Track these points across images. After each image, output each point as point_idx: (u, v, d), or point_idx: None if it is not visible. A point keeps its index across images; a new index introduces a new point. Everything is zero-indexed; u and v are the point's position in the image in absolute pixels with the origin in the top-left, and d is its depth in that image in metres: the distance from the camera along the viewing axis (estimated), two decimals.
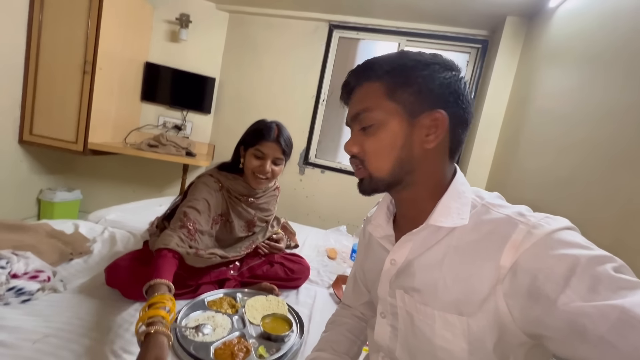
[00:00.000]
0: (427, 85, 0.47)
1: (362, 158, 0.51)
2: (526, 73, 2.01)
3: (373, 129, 0.50)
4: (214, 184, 1.11)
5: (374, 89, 0.50)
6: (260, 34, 2.71)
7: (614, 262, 0.36)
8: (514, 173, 1.90)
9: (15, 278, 0.85)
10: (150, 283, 0.75)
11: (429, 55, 0.50)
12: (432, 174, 0.50)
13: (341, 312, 0.74)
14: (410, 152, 0.49)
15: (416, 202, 0.52)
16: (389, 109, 0.48)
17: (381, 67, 0.49)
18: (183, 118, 2.75)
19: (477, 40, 2.45)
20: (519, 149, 1.89)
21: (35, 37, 2.05)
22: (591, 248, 0.38)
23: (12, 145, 2.11)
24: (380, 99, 0.49)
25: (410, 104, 0.48)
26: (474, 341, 0.44)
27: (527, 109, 1.88)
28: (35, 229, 1.11)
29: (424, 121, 0.48)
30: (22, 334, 0.71)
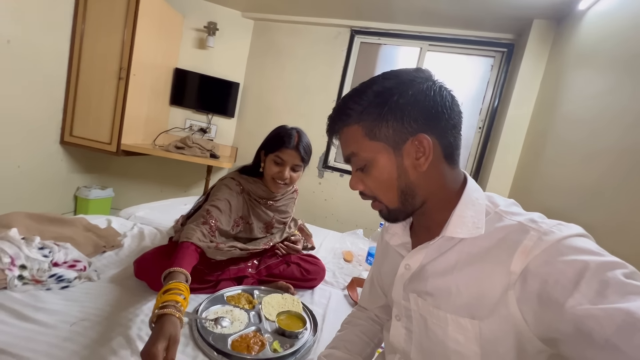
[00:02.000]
0: (401, 114, 0.48)
1: (371, 194, 0.53)
2: (553, 77, 1.95)
3: (367, 168, 0.52)
4: (236, 187, 1.16)
5: (354, 132, 0.51)
6: (283, 41, 2.79)
7: (625, 269, 0.36)
8: (538, 179, 1.84)
9: (56, 266, 0.94)
10: (170, 270, 0.79)
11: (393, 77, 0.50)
12: (437, 188, 0.51)
13: (357, 314, 0.76)
14: (407, 179, 0.50)
15: (428, 214, 0.53)
16: (373, 148, 0.50)
17: (353, 109, 0.50)
18: (208, 121, 2.86)
19: (502, 44, 2.40)
20: (544, 154, 1.83)
21: (78, 46, 2.22)
22: (602, 254, 0.38)
23: (55, 145, 2.29)
24: (362, 141, 0.50)
25: (391, 137, 0.49)
26: (486, 345, 0.44)
27: (553, 114, 1.82)
28: (74, 223, 1.21)
29: (409, 149, 0.49)
30: (60, 317, 0.78)
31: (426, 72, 0.51)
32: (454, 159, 0.52)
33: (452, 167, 0.52)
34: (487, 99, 2.49)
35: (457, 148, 0.52)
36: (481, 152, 2.48)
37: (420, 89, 0.48)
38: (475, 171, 2.51)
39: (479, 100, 2.53)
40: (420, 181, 0.50)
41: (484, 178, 2.39)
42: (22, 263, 0.88)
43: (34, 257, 0.91)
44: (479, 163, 2.49)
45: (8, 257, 0.87)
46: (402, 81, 0.49)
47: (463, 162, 2.60)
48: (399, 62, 2.71)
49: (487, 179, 2.27)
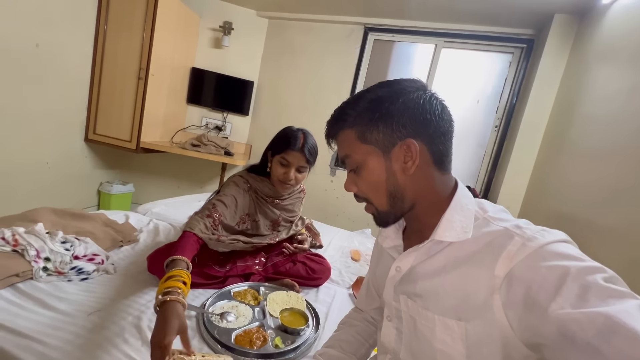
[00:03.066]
0: (390, 119, 0.51)
1: (363, 196, 0.56)
2: (574, 75, 1.87)
3: (358, 170, 0.55)
4: (243, 184, 1.19)
5: (348, 135, 0.55)
6: (297, 39, 2.81)
7: (605, 273, 0.37)
8: (555, 180, 1.78)
9: (77, 259, 1.01)
10: (172, 258, 0.82)
11: (386, 87, 0.53)
12: (426, 192, 0.53)
13: (353, 315, 0.78)
14: (395, 182, 0.52)
15: (419, 218, 0.55)
16: (364, 151, 0.53)
17: (348, 114, 0.54)
18: (223, 119, 2.93)
19: (521, 40, 2.32)
20: (561, 156, 1.77)
21: (100, 47, 2.32)
22: (583, 260, 0.39)
23: (79, 143, 2.42)
24: (355, 144, 0.54)
25: (380, 141, 0.52)
26: (471, 346, 0.45)
27: (573, 113, 1.76)
28: (94, 218, 1.29)
29: (397, 153, 0.51)
30: (79, 306, 0.84)
31: (419, 83, 0.54)
32: (444, 165, 0.53)
33: (442, 173, 0.53)
34: (505, 97, 2.42)
35: (447, 155, 0.53)
36: (497, 152, 2.42)
37: (410, 97, 0.51)
38: (490, 171, 2.46)
39: (495, 98, 2.46)
40: (408, 184, 0.52)
41: (499, 178, 2.33)
42: (47, 256, 0.95)
43: (57, 250, 0.98)
44: (494, 162, 2.43)
45: (34, 250, 0.94)
46: (394, 90, 0.52)
47: (479, 161, 2.54)
48: (413, 59, 2.67)
49: (502, 179, 2.22)
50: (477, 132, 2.55)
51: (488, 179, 2.47)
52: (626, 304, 0.34)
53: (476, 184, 2.55)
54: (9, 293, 0.84)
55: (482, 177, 2.53)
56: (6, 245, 0.94)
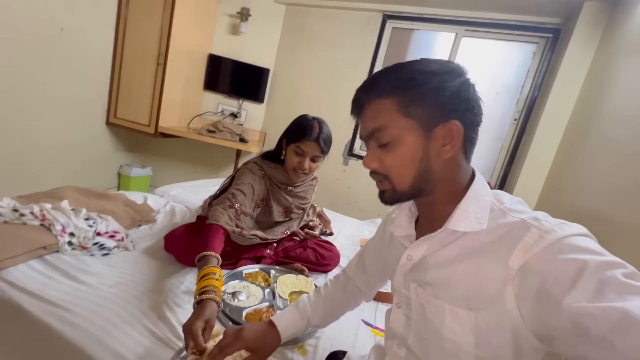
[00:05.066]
0: (439, 97, 0.48)
1: (385, 173, 0.52)
2: (601, 67, 1.79)
3: (390, 145, 0.50)
4: (258, 171, 1.22)
5: (386, 105, 0.50)
6: (314, 26, 2.78)
7: (625, 269, 0.36)
8: (573, 177, 1.73)
9: (99, 236, 1.06)
10: (204, 254, 0.86)
11: (436, 63, 0.50)
12: (450, 180, 0.52)
13: (340, 280, 0.79)
14: (428, 164, 0.50)
15: (435, 206, 0.53)
16: (403, 125, 0.49)
17: (390, 82, 0.50)
18: (239, 106, 2.96)
19: (547, 30, 2.22)
20: (582, 151, 1.71)
21: (122, 32, 2.37)
22: (602, 254, 0.38)
23: (101, 126, 2.50)
24: (394, 116, 0.49)
25: (424, 118, 0.49)
26: (480, 335, 0.45)
27: (597, 108, 1.69)
28: (115, 198, 1.35)
29: (439, 133, 0.49)
30: (101, 279, 0.90)
31: (463, 68, 0.52)
32: (468, 155, 0.53)
33: (466, 162, 0.53)
34: (526, 89, 2.34)
35: (474, 145, 0.53)
36: (515, 145, 2.36)
37: (462, 80, 0.49)
38: (507, 165, 2.40)
39: (516, 90, 2.38)
40: (438, 168, 0.50)
41: (515, 172, 2.28)
42: (71, 231, 1.01)
43: (81, 226, 1.03)
44: (511, 156, 2.37)
45: (60, 225, 1.00)
46: (446, 68, 0.49)
47: (495, 154, 2.49)
48: (432, 49, 2.61)
49: (519, 174, 2.17)
50: (495, 125, 2.48)
51: (504, 173, 2.42)
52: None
53: (491, 177, 2.50)
54: (37, 264, 0.91)
55: (497, 170, 2.48)
56: (35, 219, 1.00)
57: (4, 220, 0.97)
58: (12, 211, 0.99)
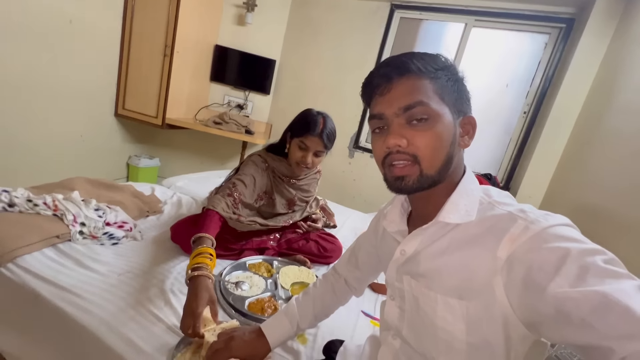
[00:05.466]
0: (463, 90, 0.53)
1: (414, 153, 0.49)
2: (615, 59, 1.74)
3: (427, 123, 0.48)
4: (262, 164, 1.24)
5: (424, 84, 0.49)
6: (320, 16, 2.74)
7: (605, 255, 0.38)
8: (582, 172, 1.71)
9: (108, 226, 1.10)
10: (199, 235, 0.89)
11: (446, 59, 0.53)
12: (454, 172, 0.53)
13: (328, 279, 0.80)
14: (454, 150, 0.51)
15: (432, 198, 0.54)
16: (441, 106, 0.50)
17: (428, 64, 0.50)
18: (245, 98, 2.96)
19: (560, 19, 2.15)
20: (592, 146, 1.68)
21: (128, 24, 2.38)
22: (584, 242, 0.40)
23: (110, 117, 2.55)
24: (433, 96, 0.49)
25: (454, 105, 0.51)
26: (471, 324, 0.47)
27: (609, 102, 1.65)
28: (123, 189, 1.38)
29: (463, 123, 0.53)
30: (111, 267, 0.94)
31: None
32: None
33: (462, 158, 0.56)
34: (536, 82, 2.29)
35: None
36: (523, 139, 2.32)
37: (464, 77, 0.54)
38: (514, 158, 2.37)
39: (526, 82, 2.33)
40: (456, 157, 0.53)
41: (523, 166, 2.25)
42: (82, 221, 1.05)
43: (91, 216, 1.07)
44: (519, 150, 2.34)
45: (71, 215, 1.04)
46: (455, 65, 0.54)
47: (503, 148, 2.45)
48: (441, 39, 2.56)
49: (526, 168, 2.14)
50: (503, 118, 2.44)
51: (511, 167, 2.39)
52: (623, 284, 0.35)
53: (499, 171, 2.48)
54: (51, 252, 0.95)
55: (505, 165, 2.45)
56: (48, 209, 1.04)
57: (19, 210, 1.01)
58: (27, 201, 1.03)
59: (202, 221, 0.96)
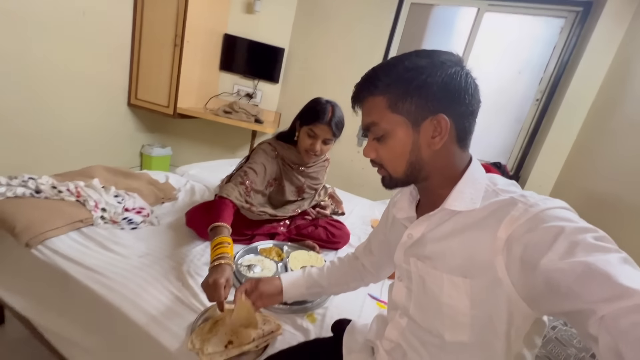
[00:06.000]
0: (426, 92, 0.51)
1: (380, 162, 0.58)
2: (633, 45, 1.69)
3: (383, 139, 0.55)
4: (271, 152, 1.27)
5: (378, 102, 0.54)
6: (328, 3, 2.71)
7: (596, 233, 0.40)
8: (594, 162, 1.69)
9: (127, 211, 1.16)
10: (215, 224, 0.94)
11: (427, 57, 0.52)
12: (444, 167, 0.55)
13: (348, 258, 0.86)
14: (419, 155, 0.54)
15: (433, 190, 0.58)
16: (394, 121, 0.53)
17: (381, 80, 0.53)
18: (254, 87, 2.98)
19: (578, 2, 2.08)
20: (605, 134, 1.66)
21: (140, 14, 2.40)
22: (578, 222, 0.42)
23: (123, 107, 2.61)
24: (385, 112, 0.53)
25: (412, 113, 0.52)
26: (475, 299, 0.50)
27: (624, 90, 1.61)
28: (139, 177, 1.44)
29: (427, 126, 0.52)
30: (131, 250, 1.00)
31: (456, 57, 0.53)
32: (466, 143, 0.56)
33: (462, 150, 0.56)
34: (550, 68, 2.23)
35: (471, 133, 0.55)
36: (535, 127, 2.29)
37: (448, 72, 0.51)
38: (525, 147, 2.35)
39: (540, 69, 2.28)
40: (429, 159, 0.54)
41: (533, 155, 2.23)
42: (103, 206, 1.11)
43: (111, 202, 1.13)
44: (530, 138, 2.31)
45: (93, 201, 1.10)
46: (433, 62, 0.51)
47: (514, 136, 2.43)
48: (453, 25, 2.51)
49: (537, 157, 2.12)
50: (515, 105, 2.40)
51: (522, 156, 2.37)
52: (608, 256, 0.37)
53: (509, 159, 2.46)
54: (76, 235, 1.01)
55: (515, 153, 2.43)
56: (71, 195, 1.10)
57: (45, 196, 1.07)
58: (51, 188, 1.09)
59: (217, 210, 1.00)
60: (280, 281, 0.79)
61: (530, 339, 0.51)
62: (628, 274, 0.35)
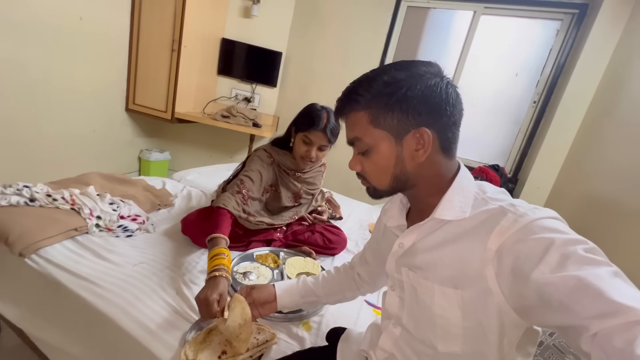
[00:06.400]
0: (407, 106, 0.50)
1: (364, 176, 0.58)
2: (629, 47, 1.69)
3: (367, 153, 0.56)
4: (267, 158, 1.26)
5: (360, 117, 0.54)
6: (326, 7, 2.72)
7: (586, 244, 0.40)
8: (591, 164, 1.68)
9: (122, 219, 1.15)
10: (213, 236, 0.93)
11: (405, 69, 0.52)
12: (430, 177, 0.55)
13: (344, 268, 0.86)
14: (403, 167, 0.54)
15: (421, 198, 0.58)
16: (376, 135, 0.53)
17: (362, 95, 0.53)
18: (252, 91, 2.98)
19: (574, 5, 2.09)
20: (603, 136, 1.66)
21: (137, 19, 2.41)
22: (568, 233, 0.42)
23: (121, 112, 2.61)
24: (367, 128, 0.54)
25: (394, 127, 0.52)
26: (466, 310, 0.50)
27: (621, 91, 1.61)
28: (135, 183, 1.44)
29: (410, 140, 0.52)
30: (126, 258, 0.99)
31: (435, 67, 0.53)
32: (451, 152, 0.55)
33: (448, 159, 0.55)
34: (547, 70, 2.24)
35: (455, 142, 0.55)
36: (533, 129, 2.29)
37: (428, 84, 0.50)
38: (523, 149, 2.34)
39: (537, 71, 2.28)
40: (415, 170, 0.54)
41: (531, 157, 2.23)
42: (98, 214, 1.11)
43: (106, 210, 1.13)
44: (528, 141, 2.31)
45: (88, 209, 1.09)
46: (412, 74, 0.51)
47: (512, 138, 2.42)
48: (449, 28, 2.51)
49: (535, 159, 2.12)
50: (513, 108, 2.40)
51: (520, 158, 2.37)
52: (599, 270, 0.37)
53: (507, 162, 2.45)
54: (70, 244, 1.01)
55: (514, 156, 2.43)
56: (66, 204, 1.09)
57: (40, 205, 1.07)
58: (46, 196, 1.09)
59: (215, 220, 1.00)
60: (274, 288, 0.79)
61: (524, 348, 0.51)
62: (620, 289, 0.35)
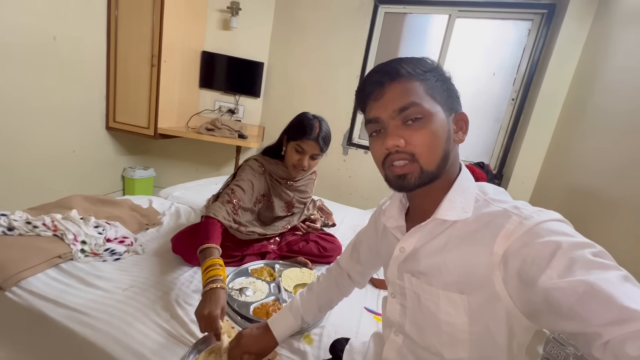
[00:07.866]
0: (450, 88, 0.55)
1: (412, 152, 0.51)
2: (598, 41, 1.77)
3: (422, 122, 0.51)
4: (258, 168, 1.25)
5: (415, 86, 0.52)
6: (305, 16, 2.75)
7: (594, 248, 0.40)
8: (572, 155, 1.74)
9: (109, 242, 1.11)
10: (205, 246, 0.91)
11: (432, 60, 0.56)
12: (450, 167, 0.55)
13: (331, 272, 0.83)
14: (449, 145, 0.53)
15: (430, 194, 0.55)
16: (432, 105, 0.52)
17: (416, 67, 0.53)
18: (236, 102, 2.96)
19: (542, 5, 2.18)
20: (580, 128, 1.72)
21: (113, 36, 2.36)
22: (575, 236, 0.42)
23: (101, 131, 2.53)
24: (424, 96, 0.52)
25: (445, 103, 0.54)
26: (473, 315, 0.49)
27: (593, 83, 1.68)
28: (121, 204, 1.39)
29: (455, 119, 0.55)
30: (114, 283, 0.95)
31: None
32: None
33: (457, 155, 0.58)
34: (522, 68, 2.32)
35: None
36: (513, 125, 2.35)
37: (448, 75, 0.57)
38: (506, 145, 2.40)
39: (513, 69, 2.36)
40: (452, 153, 0.54)
41: (514, 153, 2.29)
42: (83, 239, 1.06)
43: (91, 234, 1.08)
44: (510, 137, 2.37)
45: (72, 234, 1.05)
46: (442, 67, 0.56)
47: (494, 135, 2.49)
48: (426, 32, 2.57)
49: (518, 154, 2.18)
50: (493, 106, 2.47)
51: (503, 154, 2.43)
52: (608, 274, 0.36)
53: (491, 159, 2.51)
54: (54, 272, 0.96)
55: (497, 152, 2.49)
56: (47, 230, 1.04)
57: (19, 233, 1.02)
58: (26, 224, 1.04)
59: (205, 230, 0.97)
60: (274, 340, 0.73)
61: (533, 349, 0.50)
62: (631, 294, 0.35)
